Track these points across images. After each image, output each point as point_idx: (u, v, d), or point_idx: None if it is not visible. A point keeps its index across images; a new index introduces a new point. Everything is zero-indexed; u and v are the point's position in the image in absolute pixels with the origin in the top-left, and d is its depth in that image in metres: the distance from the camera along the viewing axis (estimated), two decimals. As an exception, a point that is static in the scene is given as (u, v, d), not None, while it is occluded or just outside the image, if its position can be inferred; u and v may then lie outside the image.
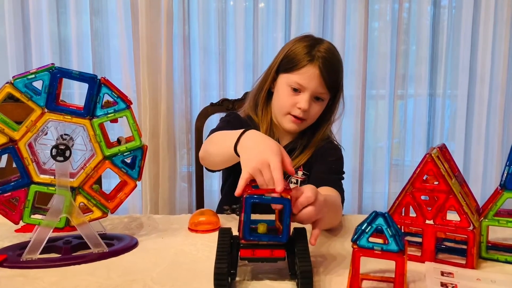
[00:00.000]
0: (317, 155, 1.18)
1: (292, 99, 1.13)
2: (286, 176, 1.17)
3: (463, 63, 2.01)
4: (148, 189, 1.97)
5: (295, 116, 1.14)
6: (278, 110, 1.17)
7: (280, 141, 1.20)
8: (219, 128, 1.17)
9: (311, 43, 1.14)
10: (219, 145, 0.96)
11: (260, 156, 0.76)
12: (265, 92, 1.19)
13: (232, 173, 1.24)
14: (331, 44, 1.17)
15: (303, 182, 1.19)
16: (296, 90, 1.12)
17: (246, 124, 1.20)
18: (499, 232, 0.89)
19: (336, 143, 1.26)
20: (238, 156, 0.84)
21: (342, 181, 1.17)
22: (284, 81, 1.14)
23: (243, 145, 0.83)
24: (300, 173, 1.19)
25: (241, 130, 0.86)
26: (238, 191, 0.74)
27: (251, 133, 0.85)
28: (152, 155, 1.95)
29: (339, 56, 1.18)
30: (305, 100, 1.11)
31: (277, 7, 1.96)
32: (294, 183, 1.19)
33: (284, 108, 1.15)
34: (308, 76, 1.11)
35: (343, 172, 1.21)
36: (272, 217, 0.78)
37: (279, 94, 1.16)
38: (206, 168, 1.14)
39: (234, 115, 1.25)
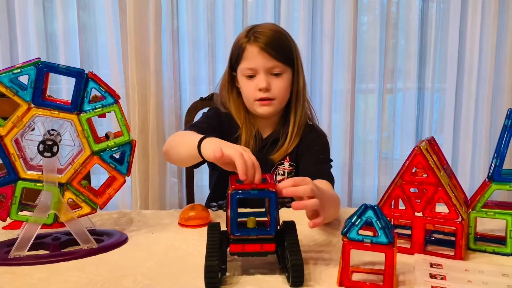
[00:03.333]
0: (303, 146, 1.19)
1: (251, 85, 1.15)
2: (274, 167, 1.19)
3: (451, 57, 2.03)
4: (138, 184, 1.96)
5: (261, 99, 1.16)
6: (247, 101, 1.20)
7: (262, 133, 1.22)
8: (198, 123, 1.21)
9: (248, 28, 1.18)
10: (182, 146, 1.01)
11: (235, 145, 0.83)
12: (228, 91, 1.23)
13: (215, 169, 1.25)
14: (271, 23, 1.22)
15: (289, 174, 1.19)
16: (251, 77, 1.15)
17: (226, 120, 1.22)
18: (487, 224, 0.90)
19: (319, 129, 1.27)
20: (200, 153, 0.91)
21: (331, 169, 1.18)
22: (240, 73, 1.18)
23: (207, 142, 0.91)
24: (286, 164, 1.19)
25: (201, 136, 0.93)
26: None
27: (212, 138, 0.92)
28: (142, 150, 1.93)
29: (281, 29, 1.20)
30: (261, 79, 1.13)
31: (266, 1, 1.96)
32: (281, 174, 1.19)
33: (250, 97, 1.17)
34: (251, 56, 1.13)
35: (331, 160, 1.22)
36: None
37: (241, 87, 1.20)
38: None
39: (214, 111, 1.26)
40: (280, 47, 1.14)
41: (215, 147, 0.79)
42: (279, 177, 1.19)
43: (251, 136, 1.18)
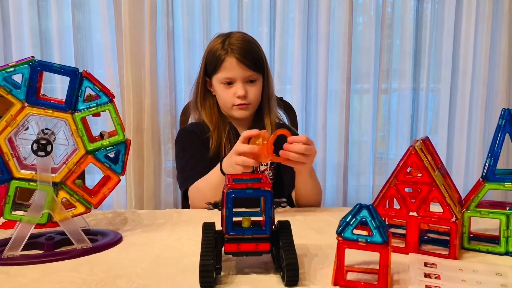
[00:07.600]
0: (280, 142, 1.24)
1: (229, 92, 1.28)
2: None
3: (446, 57, 2.03)
4: (133, 184, 1.95)
5: (239, 104, 1.28)
6: (224, 106, 1.32)
7: (239, 131, 1.32)
8: (183, 164, 1.28)
9: (223, 39, 1.29)
10: (209, 187, 1.13)
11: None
12: (200, 96, 1.33)
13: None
14: (241, 32, 1.34)
15: (272, 164, 1.31)
16: (229, 83, 1.27)
17: (195, 130, 1.33)
18: (481, 223, 0.91)
19: (290, 127, 1.40)
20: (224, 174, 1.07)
21: None
22: (217, 81, 1.29)
23: (224, 164, 1.08)
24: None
25: (218, 167, 1.10)
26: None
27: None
28: (137, 150, 1.93)
29: (252, 38, 1.32)
30: (239, 87, 1.26)
31: (262, 1, 1.96)
32: (265, 165, 1.30)
33: (227, 103, 1.29)
34: (230, 68, 1.25)
35: None
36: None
37: (218, 93, 1.31)
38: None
39: (182, 137, 1.35)
40: (254, 58, 1.28)
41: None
42: (262, 167, 1.30)
43: (223, 137, 1.28)
